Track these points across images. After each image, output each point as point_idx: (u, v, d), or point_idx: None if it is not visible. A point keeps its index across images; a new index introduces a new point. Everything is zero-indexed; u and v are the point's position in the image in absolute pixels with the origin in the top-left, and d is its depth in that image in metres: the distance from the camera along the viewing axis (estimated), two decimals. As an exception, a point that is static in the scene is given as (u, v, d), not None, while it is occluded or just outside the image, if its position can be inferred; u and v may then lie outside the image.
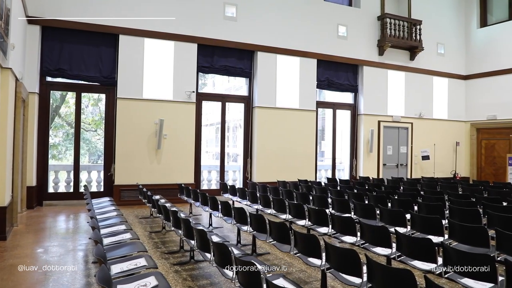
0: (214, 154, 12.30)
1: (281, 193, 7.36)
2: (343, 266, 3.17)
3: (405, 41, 12.38)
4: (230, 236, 6.15)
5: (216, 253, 3.47)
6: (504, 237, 3.70)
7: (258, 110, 10.36)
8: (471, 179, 13.23)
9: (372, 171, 11.99)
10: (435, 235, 4.33)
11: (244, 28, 10.13)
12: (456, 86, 13.88)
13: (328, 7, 11.45)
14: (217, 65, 10.01)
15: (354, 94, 12.18)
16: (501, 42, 13.02)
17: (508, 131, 12.83)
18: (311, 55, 11.04)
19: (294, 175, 10.25)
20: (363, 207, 5.49)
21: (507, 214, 4.89)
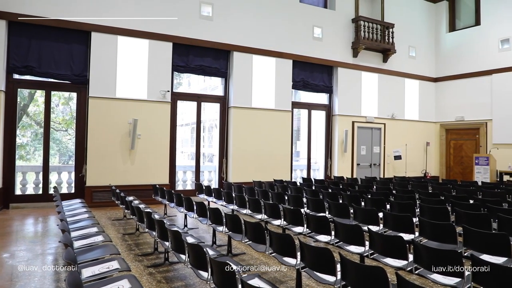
0: (190, 154, 12.18)
1: (257, 193, 7.37)
2: (318, 265, 3.20)
3: (378, 43, 12.66)
4: (205, 237, 6.11)
5: (191, 254, 3.44)
6: (470, 233, 3.84)
7: (234, 110, 10.34)
8: (441, 178, 13.70)
9: (347, 171, 12.19)
10: (406, 232, 4.45)
11: (220, 27, 10.09)
12: (427, 88, 14.33)
13: (304, 8, 11.57)
14: (192, 65, 9.91)
15: (329, 95, 12.35)
16: (468, 46, 13.53)
17: (475, 131, 13.35)
18: (287, 55, 11.12)
19: (270, 175, 10.30)
20: (337, 207, 5.57)
21: (474, 211, 5.08)
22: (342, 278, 2.95)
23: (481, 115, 13.07)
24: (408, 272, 3.37)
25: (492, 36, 12.83)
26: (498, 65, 12.60)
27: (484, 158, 11.36)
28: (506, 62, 12.42)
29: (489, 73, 12.83)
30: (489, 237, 3.75)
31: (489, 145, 12.67)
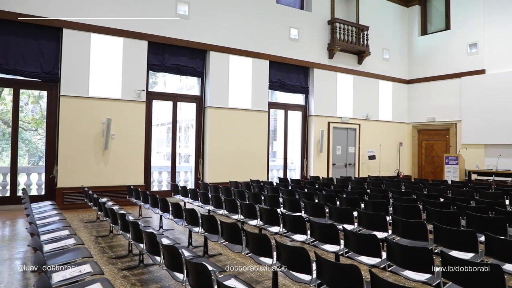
0: (165, 154, 12.03)
1: (233, 194, 7.35)
2: (294, 264, 3.22)
3: (354, 45, 12.89)
4: (181, 238, 6.04)
5: (166, 256, 3.39)
6: (440, 230, 3.96)
7: (210, 110, 10.27)
8: (413, 177, 14.08)
9: (322, 171, 12.34)
10: (380, 231, 4.54)
11: (197, 26, 10.01)
12: (400, 89, 14.70)
13: (281, 9, 11.63)
14: (168, 64, 9.79)
15: (305, 96, 12.47)
16: (439, 49, 13.98)
17: (445, 132, 13.80)
18: (264, 56, 11.16)
19: (247, 175, 10.30)
20: (313, 206, 5.62)
21: (444, 209, 5.25)
22: (317, 276, 2.98)
23: (451, 116, 13.53)
24: (382, 269, 3.44)
25: (461, 40, 13.30)
26: (467, 68, 13.07)
27: (454, 158, 11.76)
28: (474, 65, 12.91)
29: (458, 76, 13.29)
30: (457, 234, 3.88)
31: (459, 145, 13.12)
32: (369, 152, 13.36)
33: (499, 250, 3.50)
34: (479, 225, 4.44)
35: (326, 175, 12.35)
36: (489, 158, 12.34)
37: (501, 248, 3.50)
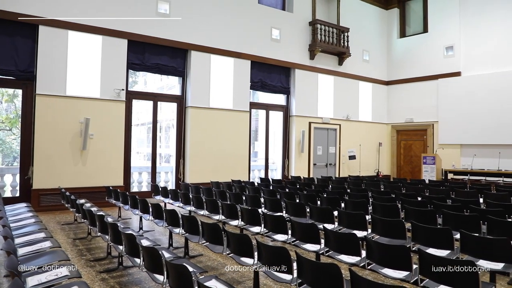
0: (146, 155, 11.87)
1: (214, 194, 7.32)
2: (275, 264, 3.23)
3: (334, 46, 13.03)
4: (161, 239, 5.97)
5: (146, 257, 3.35)
6: (418, 228, 4.05)
7: (191, 110, 10.20)
8: (392, 177, 14.34)
9: (303, 171, 12.43)
10: (359, 230, 4.61)
11: (178, 26, 9.91)
12: (379, 90, 14.96)
13: (262, 9, 11.65)
14: (148, 63, 9.66)
15: (286, 96, 12.53)
16: (417, 52, 14.29)
17: (423, 132, 14.12)
18: (245, 56, 11.15)
19: (228, 175, 10.27)
20: (294, 206, 5.66)
21: (421, 208, 5.37)
22: (298, 276, 3.00)
23: (428, 117, 13.85)
24: (361, 267, 3.49)
25: (438, 43, 13.63)
26: (444, 70, 13.42)
27: (431, 158, 12.04)
28: (450, 67, 13.25)
29: (435, 78, 13.62)
30: (434, 232, 3.98)
31: (436, 145, 13.44)
32: (349, 152, 13.53)
33: (474, 247, 3.60)
34: (454, 223, 4.56)
35: (307, 175, 12.45)
36: (464, 158, 12.69)
37: (475, 245, 3.60)
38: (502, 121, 11.88)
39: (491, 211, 5.00)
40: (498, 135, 11.96)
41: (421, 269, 3.02)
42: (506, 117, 11.81)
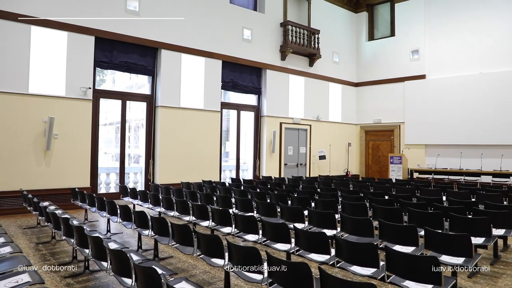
0: (114, 155, 11.55)
1: (185, 195, 7.23)
2: (245, 264, 3.22)
3: (305, 48, 13.19)
4: (130, 242, 5.83)
5: (114, 261, 3.26)
6: (385, 226, 4.16)
7: (161, 109, 10.03)
8: (361, 176, 14.69)
9: (274, 171, 12.51)
10: (329, 228, 4.68)
11: (148, 23, 9.72)
12: (349, 92, 15.28)
13: (234, 9, 11.62)
14: (117, 61, 9.42)
15: (257, 96, 12.57)
16: (385, 54, 14.72)
17: (390, 133, 14.55)
18: (217, 56, 11.09)
19: (199, 176, 10.18)
20: (265, 206, 5.68)
21: (388, 206, 5.52)
22: (269, 275, 3.01)
23: (395, 118, 14.29)
24: (331, 265, 3.54)
25: (404, 46, 14.10)
26: (410, 73, 13.89)
27: (398, 158, 12.42)
28: (416, 70, 13.74)
29: (402, 80, 14.07)
30: (400, 229, 4.10)
31: (402, 145, 13.89)
32: (320, 152, 13.75)
33: (437, 243, 3.75)
34: (419, 220, 4.72)
35: (278, 175, 12.53)
36: (429, 157, 13.18)
37: (438, 241, 3.75)
38: (464, 122, 12.44)
39: (453, 208, 5.21)
40: (459, 136, 12.51)
41: (387, 266, 3.10)
42: (467, 119, 12.37)
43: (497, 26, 12.03)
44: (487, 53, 12.20)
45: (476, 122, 12.19)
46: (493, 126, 11.87)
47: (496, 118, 11.82)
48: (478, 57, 12.36)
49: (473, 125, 12.25)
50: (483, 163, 11.59)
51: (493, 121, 11.87)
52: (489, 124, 11.94)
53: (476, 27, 12.44)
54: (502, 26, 11.94)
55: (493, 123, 11.86)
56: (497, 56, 12.01)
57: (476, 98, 12.25)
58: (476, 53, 12.42)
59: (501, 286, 3.99)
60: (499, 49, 11.98)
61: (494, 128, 11.85)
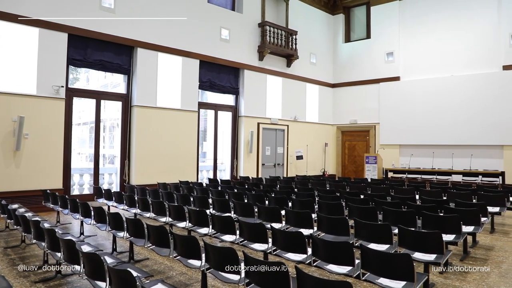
0: (88, 155, 11.28)
1: (161, 196, 7.14)
2: (222, 265, 3.21)
3: (283, 49, 13.27)
4: (105, 244, 5.70)
5: (87, 264, 3.18)
6: (360, 225, 4.23)
7: (137, 109, 9.86)
8: (337, 176, 14.91)
9: (252, 171, 12.52)
10: (306, 228, 4.72)
11: (123, 21, 9.53)
12: (325, 92, 15.47)
13: (212, 9, 11.56)
14: (91, 59, 9.19)
15: (235, 96, 12.55)
16: (360, 56, 14.98)
17: (366, 133, 14.83)
18: (194, 55, 11.00)
19: (176, 176, 10.07)
20: (242, 206, 5.67)
21: (363, 205, 5.62)
22: (246, 276, 3.00)
23: (371, 119, 14.57)
24: (307, 265, 3.57)
25: (379, 49, 14.40)
26: (385, 75, 14.19)
27: (373, 157, 12.67)
28: (391, 72, 14.06)
29: (377, 82, 14.36)
30: (375, 227, 4.18)
31: (377, 145, 14.18)
32: (297, 152, 13.86)
33: (410, 240, 3.84)
34: (393, 219, 4.83)
35: (256, 175, 12.55)
36: (403, 157, 13.51)
37: (411, 238, 3.84)
38: (436, 123, 12.82)
39: (426, 206, 5.36)
40: (432, 136, 12.89)
41: (363, 264, 3.16)
42: (439, 120, 12.76)
43: (468, 31, 12.46)
44: (458, 56, 12.63)
45: (447, 123, 12.60)
46: (463, 127, 12.29)
47: (466, 119, 12.24)
48: (450, 60, 12.78)
49: (444, 126, 12.65)
50: (454, 163, 11.98)
51: (463, 122, 12.29)
52: (459, 125, 12.36)
53: (448, 32, 12.85)
54: (472, 31, 12.38)
55: (463, 124, 12.29)
56: (468, 60, 12.44)
57: (447, 100, 12.65)
58: (447, 56, 12.83)
59: (470, 280, 4.13)
60: (469, 52, 12.42)
61: (464, 129, 12.27)
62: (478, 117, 12.03)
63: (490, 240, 5.94)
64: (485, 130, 11.91)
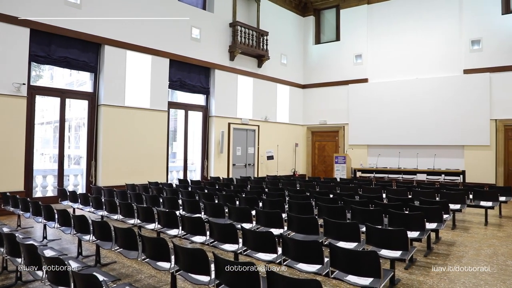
0: (52, 156, 10.85)
1: (130, 197, 6.97)
2: (192, 266, 3.18)
3: (254, 49, 13.30)
4: (70, 248, 5.50)
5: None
6: (329, 224, 4.30)
7: (104, 108, 9.58)
8: (307, 176, 15.10)
9: (223, 171, 12.47)
10: (276, 228, 4.75)
11: (90, 17, 9.22)
12: (296, 93, 15.64)
13: (182, 7, 11.41)
14: (55, 56, 8.84)
15: (206, 96, 12.45)
16: (330, 58, 15.25)
17: (335, 134, 15.11)
18: (164, 54, 10.82)
19: (145, 177, 9.87)
20: (213, 207, 5.63)
21: (332, 204, 5.72)
22: (216, 277, 2.98)
23: (340, 120, 14.86)
24: (278, 264, 3.59)
25: (348, 51, 14.71)
26: (353, 76, 14.52)
27: (342, 157, 12.93)
28: (359, 74, 14.40)
29: (346, 83, 14.67)
30: (344, 226, 4.26)
31: (346, 146, 14.48)
32: (268, 152, 13.93)
33: (377, 238, 3.94)
34: (361, 217, 4.94)
35: (227, 175, 12.51)
36: (371, 157, 13.87)
37: (378, 236, 3.95)
38: (402, 124, 13.25)
39: (392, 205, 5.52)
40: (398, 137, 13.31)
41: (332, 262, 3.21)
42: (405, 121, 13.20)
43: (432, 36, 12.96)
44: (423, 60, 13.11)
45: (412, 124, 13.05)
46: (427, 128, 12.78)
47: (430, 121, 12.73)
48: (415, 64, 13.24)
49: (410, 127, 13.10)
50: (419, 162, 12.42)
51: (427, 123, 12.77)
52: (424, 126, 12.84)
53: (413, 36, 13.31)
54: (436, 36, 12.89)
55: (427, 125, 12.77)
56: (432, 63, 12.94)
57: (412, 101, 13.11)
58: (413, 59, 13.29)
59: (433, 275, 4.29)
60: (433, 57, 12.92)
61: (428, 129, 12.76)
62: (441, 118, 12.54)
63: (451, 236, 6.20)
64: (447, 131, 12.43)
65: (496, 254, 5.17)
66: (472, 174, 11.66)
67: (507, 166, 11.66)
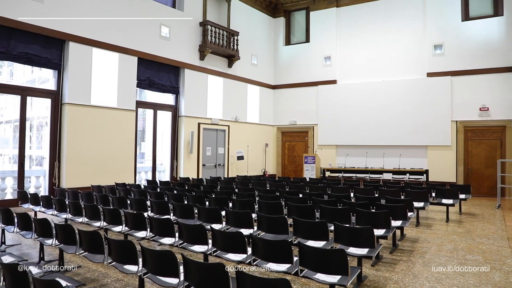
0: (12, 157, 10.35)
1: (95, 199, 6.76)
2: (160, 269, 3.12)
3: (224, 49, 13.24)
4: (30, 254, 5.26)
5: (8, 277, 2.90)
6: (298, 223, 4.35)
7: (69, 107, 9.24)
8: (277, 176, 15.21)
9: (192, 172, 12.33)
10: (246, 228, 4.75)
11: (53, 12, 8.85)
12: (266, 94, 15.72)
13: (151, 5, 11.18)
14: (15, 52, 8.43)
15: (175, 96, 12.27)
16: (300, 59, 15.43)
17: (305, 134, 15.30)
18: (132, 52, 10.57)
19: (112, 178, 9.60)
20: (182, 208, 5.56)
21: (302, 204, 5.78)
22: (185, 278, 2.94)
23: (309, 120, 15.07)
24: (248, 264, 3.59)
25: (318, 52, 14.94)
26: (323, 78, 14.76)
27: (311, 157, 13.11)
28: (328, 76, 14.66)
29: (315, 84, 14.89)
30: (312, 225, 4.32)
31: (316, 146, 14.69)
32: (238, 152, 13.91)
33: (345, 236, 4.02)
34: (330, 216, 5.03)
35: (196, 176, 12.38)
36: (339, 157, 14.15)
37: (346, 234, 4.03)
38: (369, 125, 13.61)
39: (359, 204, 5.66)
40: (366, 137, 13.66)
41: (301, 261, 3.24)
42: (372, 122, 13.56)
43: (397, 40, 13.39)
44: (389, 63, 13.52)
45: (379, 125, 13.43)
46: (393, 129, 13.19)
47: (395, 122, 13.15)
48: (381, 66, 13.64)
49: (376, 128, 13.47)
50: (385, 162, 12.79)
51: (393, 124, 13.19)
52: (389, 127, 13.25)
53: (379, 40, 13.70)
54: (401, 40, 13.33)
55: (393, 126, 13.19)
56: (397, 66, 13.37)
57: (379, 103, 13.49)
58: (379, 62, 13.68)
59: (398, 271, 4.43)
60: (398, 60, 13.35)
61: (394, 130, 13.17)
62: (406, 119, 12.98)
63: (415, 233, 6.43)
64: (412, 132, 12.88)
65: (457, 249, 5.41)
66: (435, 173, 12.15)
67: (466, 165, 12.23)
